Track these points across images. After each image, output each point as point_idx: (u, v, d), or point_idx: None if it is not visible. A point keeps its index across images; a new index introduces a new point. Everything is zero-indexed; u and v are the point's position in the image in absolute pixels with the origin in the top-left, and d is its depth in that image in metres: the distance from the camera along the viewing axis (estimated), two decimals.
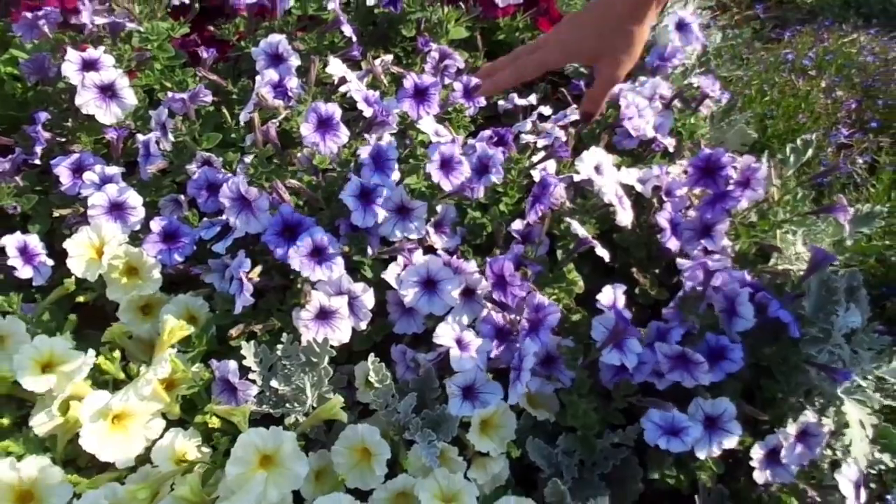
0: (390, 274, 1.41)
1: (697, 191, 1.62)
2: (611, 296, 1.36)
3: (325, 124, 1.45)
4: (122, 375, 1.34)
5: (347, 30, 1.76)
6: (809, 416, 1.31)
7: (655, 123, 1.80)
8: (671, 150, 1.81)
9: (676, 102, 1.88)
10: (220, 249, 1.44)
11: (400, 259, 1.43)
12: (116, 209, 1.52)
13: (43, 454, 1.22)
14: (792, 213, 1.59)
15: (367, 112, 1.58)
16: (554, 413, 1.38)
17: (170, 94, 1.61)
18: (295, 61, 1.66)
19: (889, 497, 1.40)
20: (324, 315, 1.35)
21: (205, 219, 1.56)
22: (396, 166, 1.49)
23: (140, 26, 1.74)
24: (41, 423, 1.27)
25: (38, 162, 1.63)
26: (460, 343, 1.35)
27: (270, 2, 1.81)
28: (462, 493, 1.24)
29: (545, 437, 1.36)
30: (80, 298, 1.49)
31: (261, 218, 1.40)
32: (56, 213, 1.56)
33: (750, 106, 2.17)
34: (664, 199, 1.59)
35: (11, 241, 1.45)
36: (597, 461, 1.36)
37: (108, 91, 1.63)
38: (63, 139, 1.68)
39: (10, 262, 1.44)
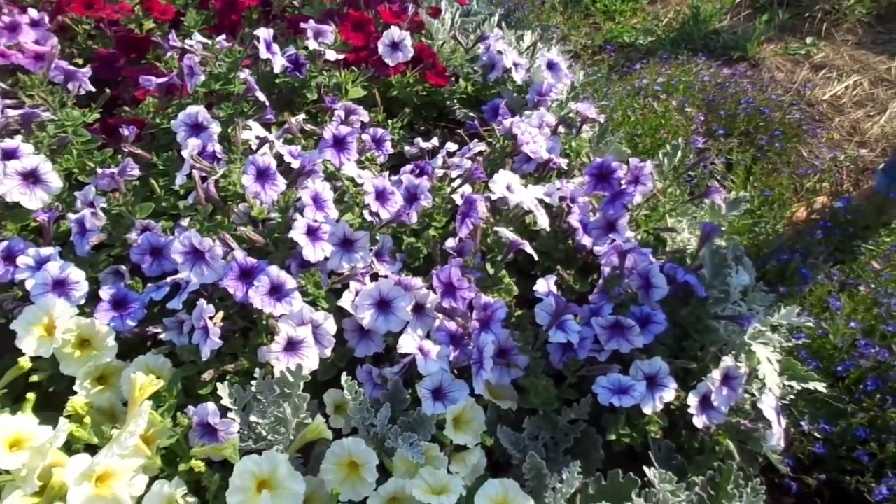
0: (346, 300, 1.52)
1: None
2: (545, 285, 1.54)
3: (263, 175, 1.56)
4: (95, 440, 1.34)
5: (261, 95, 1.89)
6: (728, 360, 1.53)
7: (547, 147, 2.04)
8: (565, 168, 2.05)
9: (561, 129, 2.15)
10: (175, 305, 1.49)
11: (353, 286, 1.53)
12: (60, 286, 1.53)
13: None
14: (676, 203, 1.85)
15: (295, 164, 1.70)
16: (514, 401, 1.51)
17: (99, 170, 1.65)
18: (216, 128, 1.77)
19: (802, 423, 1.62)
20: (291, 346, 1.43)
21: (149, 284, 1.60)
22: (333, 206, 1.61)
23: (54, 115, 1.78)
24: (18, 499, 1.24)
25: None
26: (422, 351, 1.46)
27: (181, 80, 1.91)
28: (450, 484, 1.33)
29: (511, 426, 1.48)
30: (34, 378, 1.46)
31: (215, 267, 1.47)
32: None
33: (620, 128, 2.48)
34: (570, 205, 1.81)
35: None
36: (558, 439, 1.50)
37: (30, 177, 1.65)
38: None
39: None
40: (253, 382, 1.38)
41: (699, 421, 1.50)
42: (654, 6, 4.00)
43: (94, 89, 1.96)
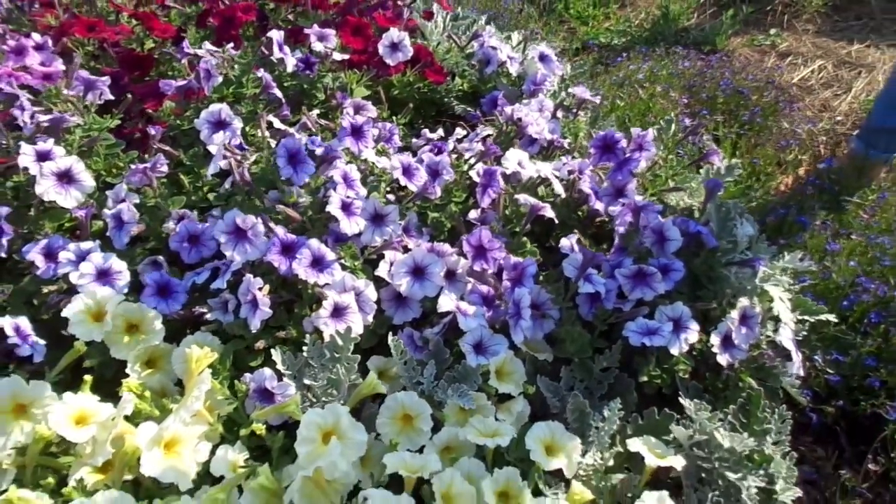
0: (382, 270, 1.59)
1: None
2: (569, 242, 1.63)
3: (294, 158, 1.64)
4: (157, 412, 1.38)
5: (277, 92, 1.98)
6: (744, 301, 1.63)
7: (549, 129, 2.15)
8: (567, 148, 2.17)
9: (559, 113, 2.27)
10: (220, 285, 1.55)
11: (388, 256, 1.61)
12: (104, 276, 1.58)
13: None
14: (677, 168, 1.97)
15: (319, 151, 1.78)
16: (549, 353, 1.59)
17: (132, 166, 1.72)
18: (238, 124, 1.84)
19: (815, 357, 1.73)
20: (338, 312, 1.50)
21: (187, 273, 1.66)
22: (361, 185, 1.69)
23: (81, 119, 1.84)
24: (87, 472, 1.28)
25: (2, 255, 1.65)
26: (460, 309, 1.54)
27: (198, 82, 1.99)
28: (500, 429, 1.40)
29: (548, 377, 1.56)
30: (87, 363, 1.51)
31: (258, 244, 1.53)
32: (45, 290, 1.58)
33: (610, 114, 2.62)
34: (580, 176, 1.91)
35: (8, 323, 1.47)
36: (592, 388, 1.58)
37: (65, 177, 1.71)
38: (25, 230, 1.71)
39: (10, 342, 1.45)
40: (304, 349, 1.44)
41: (723, 359, 1.59)
42: (623, 10, 4.19)
43: (112, 97, 2.03)
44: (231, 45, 2.29)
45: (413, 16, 2.71)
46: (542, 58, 2.46)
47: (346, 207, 1.59)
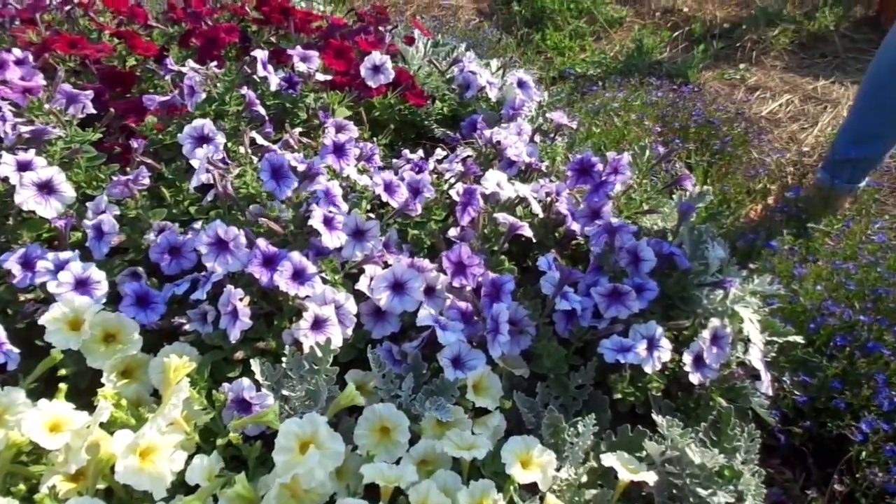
0: (363, 284, 1.61)
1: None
2: (546, 260, 1.67)
3: (278, 172, 1.66)
4: (133, 421, 1.38)
5: (260, 109, 2.00)
6: (716, 322, 1.67)
7: (528, 152, 2.20)
8: (544, 171, 2.22)
9: (537, 137, 2.32)
10: (199, 296, 1.55)
11: (368, 271, 1.63)
12: (82, 285, 1.57)
13: None
14: (650, 194, 2.02)
15: (301, 167, 1.81)
16: (525, 369, 1.61)
17: (114, 178, 1.72)
18: (221, 139, 1.86)
19: (783, 379, 1.77)
20: (318, 324, 1.51)
21: (166, 284, 1.66)
22: (343, 201, 1.72)
23: (62, 131, 1.85)
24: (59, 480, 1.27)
25: None
26: (439, 323, 1.56)
27: (181, 98, 2.01)
28: (477, 442, 1.41)
29: (524, 393, 1.58)
30: (62, 372, 1.49)
31: (239, 255, 1.55)
32: (22, 297, 1.57)
33: (586, 140, 2.68)
34: (557, 197, 1.96)
35: None
36: (567, 404, 1.61)
37: (45, 188, 1.71)
38: (2, 240, 1.70)
39: None
40: (283, 360, 1.45)
41: (695, 377, 1.63)
42: (599, 43, 4.31)
43: (95, 111, 2.04)
44: (214, 63, 2.32)
45: (395, 41, 2.77)
46: (521, 84, 2.52)
47: (328, 222, 1.62)
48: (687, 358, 1.63)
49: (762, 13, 4.27)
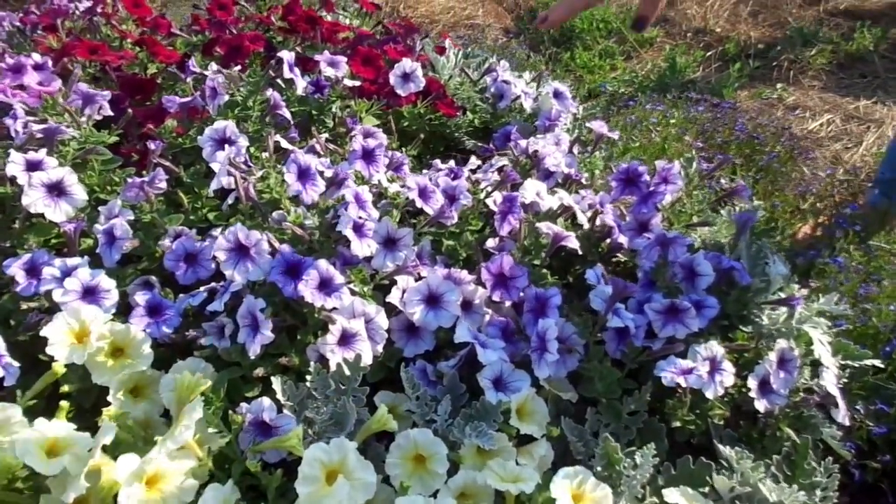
0: (394, 296, 1.47)
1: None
2: (594, 273, 1.52)
3: (304, 174, 1.54)
4: (140, 444, 1.23)
5: (286, 112, 1.89)
6: (783, 343, 1.51)
7: (566, 163, 2.07)
8: (584, 183, 2.08)
9: (576, 148, 2.19)
10: (217, 307, 1.42)
11: (400, 283, 1.49)
12: (90, 294, 1.45)
13: None
14: (702, 204, 1.87)
15: (328, 173, 1.69)
16: (573, 392, 1.45)
17: (129, 180, 1.61)
18: (244, 142, 1.75)
19: (857, 406, 1.60)
20: (346, 340, 1.37)
21: (181, 295, 1.53)
22: (373, 207, 1.59)
23: (77, 131, 1.74)
24: None
25: None
26: (478, 340, 1.42)
27: (203, 100, 1.91)
28: (522, 474, 1.25)
29: (572, 419, 1.43)
30: (64, 389, 1.36)
31: (261, 263, 1.41)
32: (24, 306, 1.44)
33: (624, 154, 2.55)
34: (601, 208, 1.82)
35: None
36: (619, 433, 1.44)
37: (55, 189, 1.60)
38: (7, 245, 1.59)
39: None
40: (307, 378, 1.31)
41: (761, 404, 1.47)
42: (629, 62, 4.20)
43: (112, 113, 1.94)
44: (238, 67, 2.22)
45: (424, 51, 2.66)
46: (557, 94, 2.40)
47: (357, 228, 1.48)
48: (752, 383, 1.47)
49: (798, 33, 4.14)
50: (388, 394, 1.44)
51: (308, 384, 1.30)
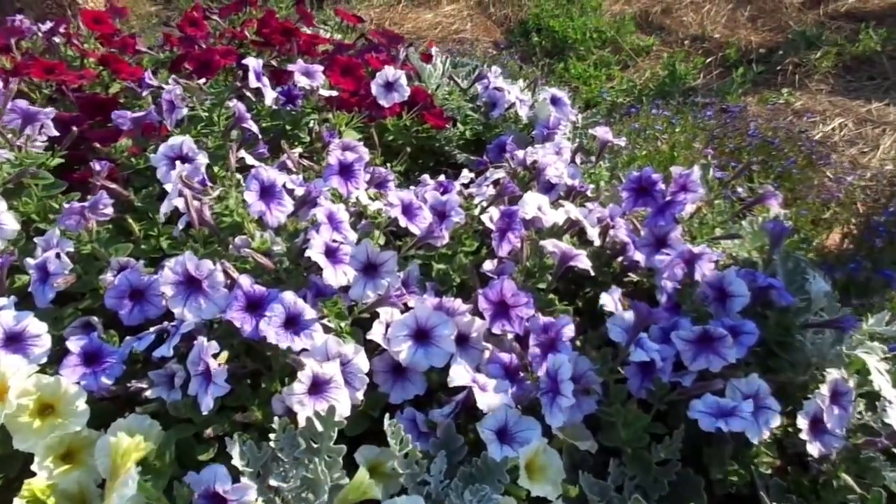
0: (376, 332, 1.24)
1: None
2: (611, 299, 1.30)
3: (267, 192, 1.32)
4: None
5: (252, 125, 1.68)
6: (835, 373, 1.29)
7: (569, 174, 1.86)
8: (590, 195, 1.87)
9: (578, 159, 1.98)
10: (164, 353, 1.19)
11: (383, 315, 1.27)
12: (14, 341, 1.22)
13: None
14: (725, 213, 1.66)
15: (299, 191, 1.47)
16: (591, 441, 1.22)
17: (66, 205, 1.39)
18: (203, 159, 1.53)
19: None
20: (317, 387, 1.14)
21: (127, 337, 1.30)
22: (350, 229, 1.37)
23: (10, 153, 1.52)
24: None
25: None
26: (477, 383, 1.19)
27: (159, 115, 1.69)
28: None
29: (592, 473, 1.19)
30: None
31: (215, 298, 1.19)
32: None
33: (630, 164, 2.34)
34: (612, 222, 1.60)
35: None
36: (647, 487, 1.21)
37: None
38: None
39: None
40: (270, 437, 1.07)
41: (814, 448, 1.24)
42: (626, 71, 4.03)
43: (57, 133, 1.72)
44: (203, 80, 2.01)
45: (409, 60, 2.47)
46: (555, 101, 2.20)
47: (331, 253, 1.26)
48: (802, 422, 1.24)
49: (800, 36, 3.97)
50: (371, 448, 1.20)
51: (272, 443, 1.07)
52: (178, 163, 1.45)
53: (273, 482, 1.04)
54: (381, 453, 1.21)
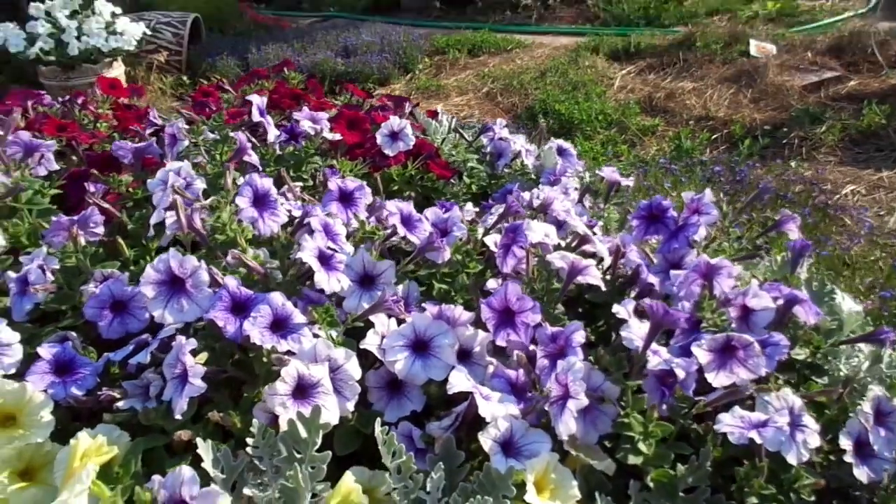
0: (371, 342, 1.15)
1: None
2: (625, 309, 1.21)
3: (261, 200, 1.27)
4: None
5: (253, 157, 1.65)
6: (876, 389, 1.17)
7: (577, 211, 1.80)
8: (598, 231, 1.80)
9: (587, 201, 1.93)
10: (142, 359, 1.10)
11: (379, 325, 1.17)
12: None
13: None
14: (742, 241, 1.59)
15: (297, 213, 1.42)
16: (607, 461, 1.09)
17: (54, 218, 1.34)
18: (200, 185, 1.49)
19: None
20: (303, 390, 1.03)
21: (105, 353, 1.21)
22: (346, 241, 1.30)
23: (7, 177, 1.50)
24: None
25: None
26: (479, 391, 1.08)
27: (161, 148, 1.68)
28: None
29: (611, 498, 1.06)
30: None
31: (198, 299, 1.11)
32: None
33: None
34: (623, 248, 1.53)
35: None
36: None
37: None
38: None
39: None
40: (249, 441, 0.96)
41: (861, 473, 1.10)
42: (633, 150, 4.05)
43: (57, 167, 1.71)
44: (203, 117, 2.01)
45: (415, 117, 2.49)
46: (561, 151, 2.18)
47: (324, 260, 1.19)
48: (845, 442, 1.11)
49: (805, 114, 4.02)
50: (362, 470, 1.08)
51: (249, 450, 0.96)
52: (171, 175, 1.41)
53: (249, 491, 0.93)
54: (373, 476, 1.08)
